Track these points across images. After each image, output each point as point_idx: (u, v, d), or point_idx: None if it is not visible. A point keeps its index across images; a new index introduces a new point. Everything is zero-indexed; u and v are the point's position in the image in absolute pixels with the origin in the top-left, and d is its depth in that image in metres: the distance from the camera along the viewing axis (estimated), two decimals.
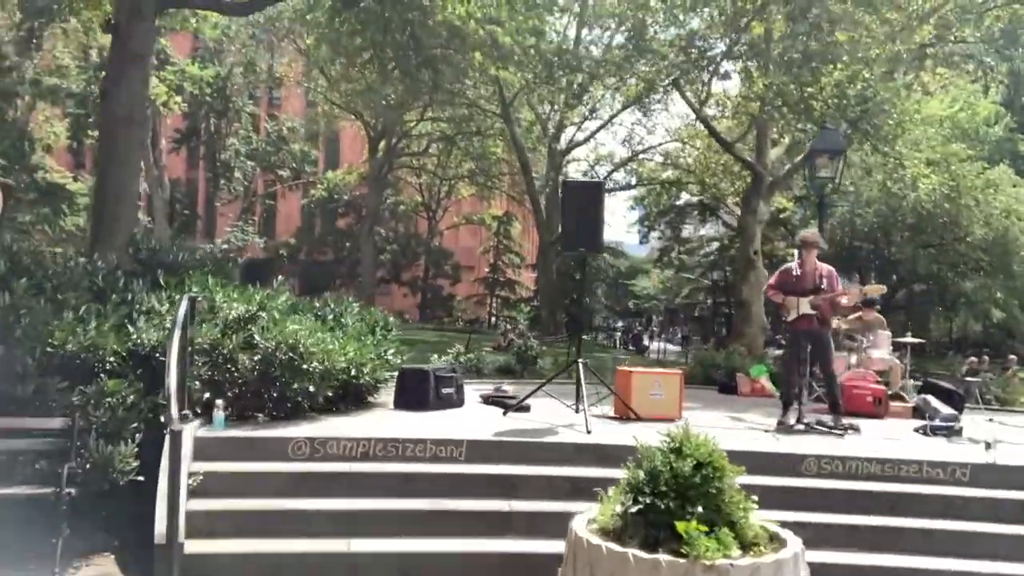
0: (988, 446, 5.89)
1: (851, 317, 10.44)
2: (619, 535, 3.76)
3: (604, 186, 6.96)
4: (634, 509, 3.72)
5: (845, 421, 7.25)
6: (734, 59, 17.33)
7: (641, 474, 3.83)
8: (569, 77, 20.38)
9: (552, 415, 7.02)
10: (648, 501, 3.70)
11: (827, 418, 7.34)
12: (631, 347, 32.91)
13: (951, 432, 7.17)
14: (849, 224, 24.25)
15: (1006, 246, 20.95)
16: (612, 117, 30.49)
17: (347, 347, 6.37)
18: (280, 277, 8.17)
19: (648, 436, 4.02)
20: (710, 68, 16.99)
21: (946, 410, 8.47)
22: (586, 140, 32.87)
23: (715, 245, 39.83)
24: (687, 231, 42.24)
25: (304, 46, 27.71)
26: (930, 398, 8.79)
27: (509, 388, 8.47)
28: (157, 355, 5.45)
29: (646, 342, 32.54)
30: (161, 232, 37.04)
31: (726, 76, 18.42)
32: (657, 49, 16.63)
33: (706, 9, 15.86)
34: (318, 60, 25.18)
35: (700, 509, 3.63)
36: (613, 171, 33.00)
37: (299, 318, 6.55)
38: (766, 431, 6.94)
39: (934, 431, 7.20)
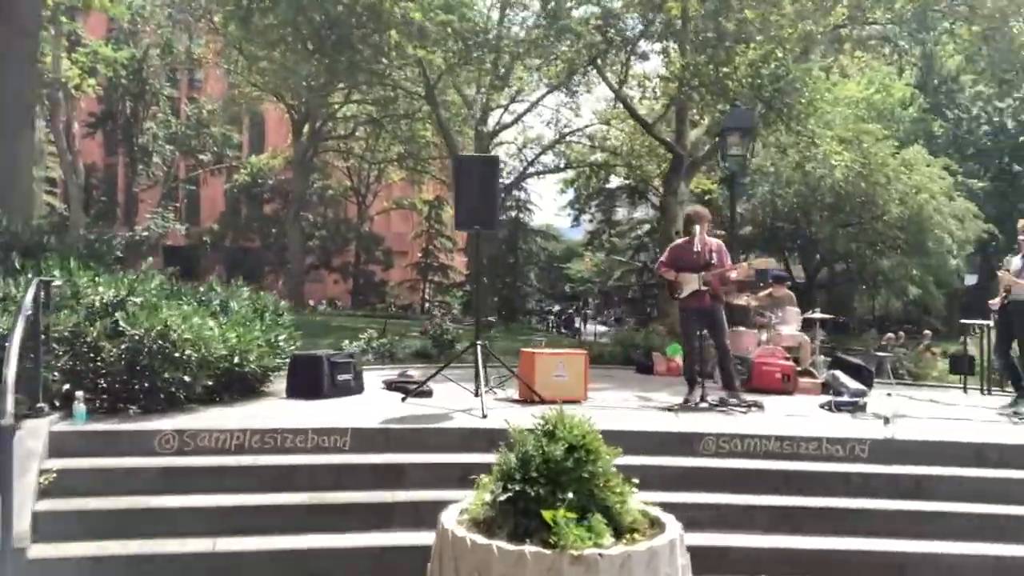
0: (886, 421, 5.84)
1: (761, 294, 10.46)
2: (489, 526, 3.52)
3: (499, 161, 6.69)
4: (503, 497, 3.48)
5: (749, 398, 7.17)
6: (652, 39, 17.25)
7: (512, 459, 3.60)
8: (489, 57, 20.04)
9: (454, 400, 6.77)
10: (518, 488, 3.46)
11: (728, 396, 7.26)
12: (563, 330, 32.94)
13: (855, 408, 7.14)
14: (770, 204, 24.56)
15: (921, 224, 21.45)
16: (538, 100, 30.32)
17: (228, 333, 5.98)
18: (175, 268, 7.70)
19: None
20: (628, 48, 16.87)
21: (854, 385, 8.50)
22: (513, 123, 32.65)
23: (645, 227, 40.11)
24: (621, 214, 42.49)
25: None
26: (839, 374, 8.82)
27: (415, 373, 8.19)
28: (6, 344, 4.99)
29: (578, 324, 32.57)
30: (77, 219, 35.51)
31: (644, 57, 18.36)
32: (574, 28, 16.41)
33: None
34: (234, 40, 24.23)
35: (571, 495, 3.41)
36: (541, 154, 32.88)
37: (176, 304, 6.13)
38: (669, 410, 6.80)
39: (839, 407, 7.17)
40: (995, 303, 8.17)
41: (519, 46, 18.98)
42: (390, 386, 7.64)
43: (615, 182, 36.92)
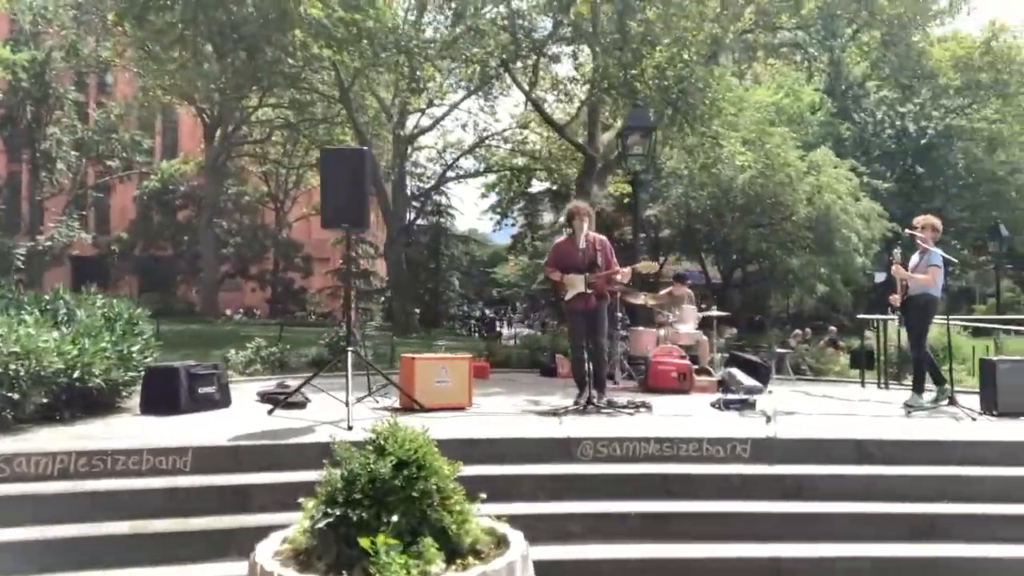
0: (768, 419, 5.66)
1: (662, 293, 10.33)
2: (308, 557, 3.13)
3: (368, 154, 6.27)
4: (323, 523, 3.11)
5: (638, 399, 6.96)
6: (561, 42, 17.10)
7: (337, 479, 3.23)
8: (399, 59, 19.59)
9: (327, 411, 6.34)
10: (339, 512, 3.09)
11: (621, 397, 7.04)
12: (485, 334, 32.60)
13: (744, 405, 6.99)
14: (684, 207, 24.70)
15: (828, 224, 21.80)
16: (456, 104, 30.03)
17: (65, 346, 5.44)
18: None
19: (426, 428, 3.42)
20: (537, 50, 16.69)
21: (749, 382, 8.40)
22: (432, 127, 32.26)
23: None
24: (547, 218, 42.36)
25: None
26: (735, 371, 8.71)
27: (293, 383, 7.71)
28: None
29: (500, 328, 32.30)
30: None
31: (555, 59, 18.21)
32: (482, 29, 16.13)
33: None
34: (139, 40, 23.12)
35: (398, 517, 3.06)
36: (459, 157, 32.58)
37: (13, 314, 5.56)
38: (555, 414, 6.52)
39: (728, 405, 7.00)
40: (895, 299, 8.17)
41: (429, 47, 18.58)
42: (264, 397, 7.16)
43: (539, 186, 36.85)
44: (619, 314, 9.53)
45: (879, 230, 22.75)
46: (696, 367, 9.04)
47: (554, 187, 33.43)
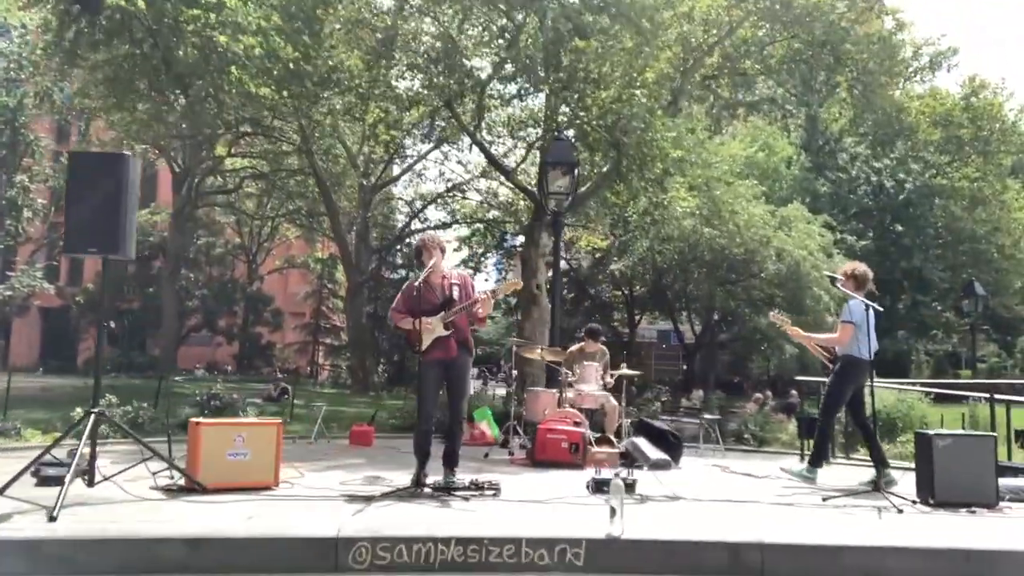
0: (613, 512, 4.31)
1: (573, 348, 9.03)
2: None
3: (130, 162, 4.98)
4: None
5: (483, 478, 5.60)
6: (506, 80, 16.10)
7: None
8: (339, 99, 18.61)
9: (83, 492, 5.01)
10: None
11: (467, 476, 5.70)
12: None
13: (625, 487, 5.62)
14: (650, 261, 23.58)
15: (798, 281, 20.67)
16: (423, 156, 29.18)
17: None
18: None
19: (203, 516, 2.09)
20: (479, 89, 15.66)
21: (656, 455, 7.10)
22: (398, 177, 31.33)
23: None
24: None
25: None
26: (639, 442, 7.42)
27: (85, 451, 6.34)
28: None
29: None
30: None
31: (501, 98, 17.21)
32: (418, 64, 15.13)
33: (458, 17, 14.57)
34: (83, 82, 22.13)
35: None
36: (423, 208, 31.59)
37: None
38: (367, 500, 5.12)
39: (599, 487, 5.61)
40: (824, 356, 6.99)
41: (374, 87, 17.55)
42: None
43: (516, 240, 35.80)
44: (504, 367, 8.26)
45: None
46: (597, 436, 7.69)
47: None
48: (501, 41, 15.06)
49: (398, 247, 34.82)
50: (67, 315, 46.06)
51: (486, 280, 41.10)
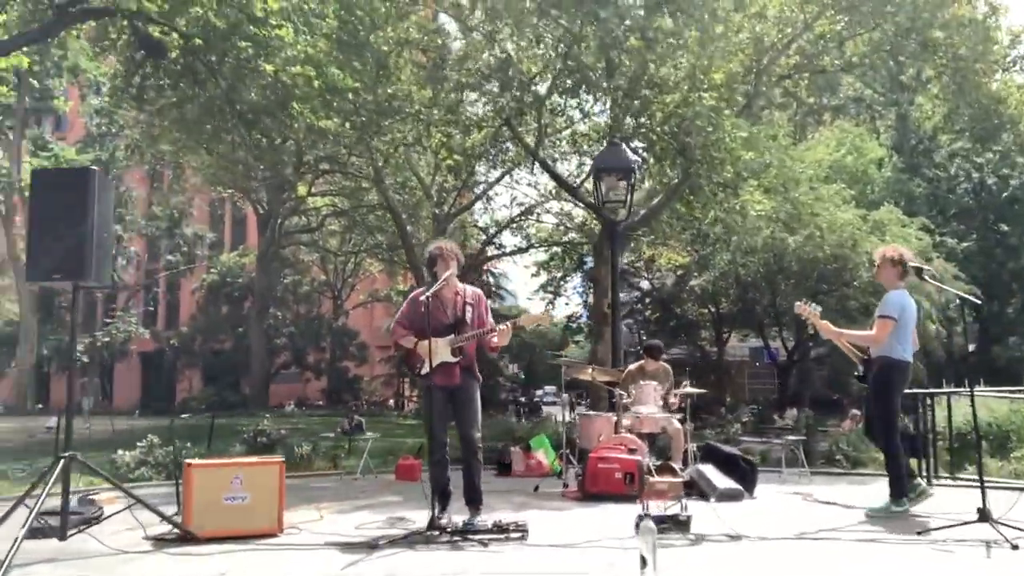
0: (643, 563, 3.55)
1: (630, 368, 8.23)
2: None
3: (95, 176, 4.51)
4: None
5: (508, 519, 4.88)
6: (566, 93, 15.49)
7: None
8: (402, 127, 18.37)
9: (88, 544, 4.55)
10: None
11: (486, 518, 4.99)
12: (526, 418, 30.38)
13: (673, 525, 4.83)
14: (733, 275, 22.40)
15: None
16: (498, 180, 28.76)
17: None
18: None
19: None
20: (539, 104, 15.10)
21: (724, 484, 6.25)
22: (470, 205, 31.00)
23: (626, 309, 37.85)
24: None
25: None
26: (706, 469, 6.58)
27: (107, 495, 5.95)
28: None
29: (546, 412, 30.04)
30: (28, 325, 34.01)
31: (559, 112, 16.62)
32: (470, 83, 14.69)
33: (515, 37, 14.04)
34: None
35: None
36: (496, 234, 31.14)
37: None
38: (372, 546, 4.49)
39: (660, 523, 4.78)
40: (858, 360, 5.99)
41: (432, 112, 17.25)
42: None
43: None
44: (565, 395, 7.54)
45: (950, 293, 19.98)
46: (658, 463, 6.86)
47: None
48: (557, 51, 14.52)
49: (473, 275, 34.48)
50: (165, 358, 47.65)
51: (566, 304, 40.43)
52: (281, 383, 45.43)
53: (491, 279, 36.55)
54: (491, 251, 33.25)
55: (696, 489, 6.56)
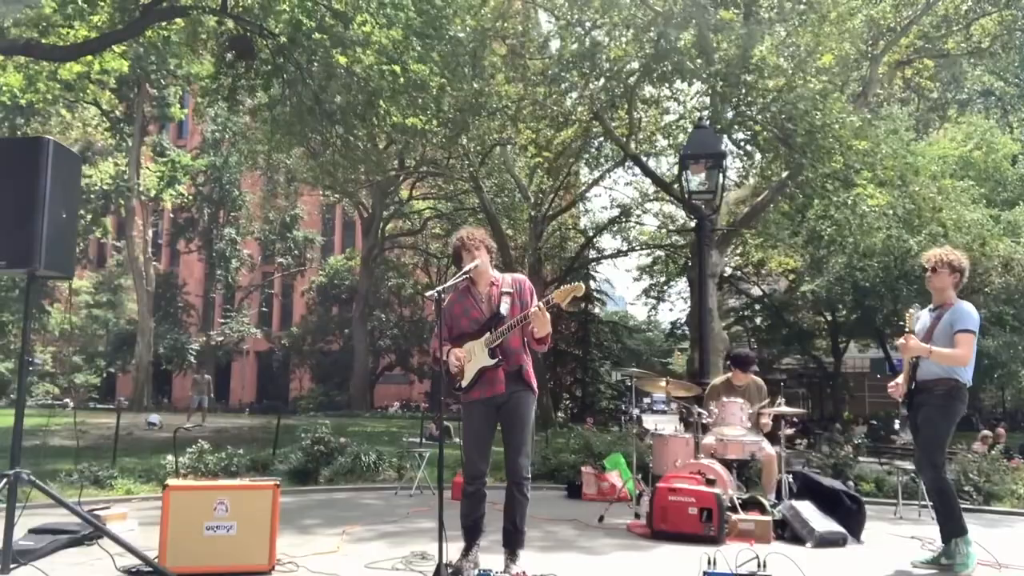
0: None
1: (717, 381, 7.16)
2: None
3: (49, 146, 3.76)
4: None
5: (546, 571, 3.98)
6: (659, 81, 14.44)
7: None
8: (488, 123, 17.74)
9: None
10: None
11: (523, 567, 4.12)
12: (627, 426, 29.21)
13: None
14: (849, 280, 20.64)
15: None
16: (597, 180, 27.80)
17: None
18: None
19: None
20: (628, 95, 14.12)
21: (824, 526, 5.17)
22: (566, 208, 30.11)
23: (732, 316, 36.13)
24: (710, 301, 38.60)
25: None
26: (802, 507, 5.49)
27: (114, 510, 5.41)
28: None
29: (646, 425, 28.79)
30: (144, 325, 35.38)
31: (655, 104, 15.55)
32: (561, 75, 13.82)
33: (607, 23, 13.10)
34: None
35: None
36: (593, 236, 30.15)
37: None
38: None
39: None
40: (897, 387, 4.97)
41: (517, 105, 16.51)
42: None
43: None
44: (635, 411, 6.55)
45: None
46: (743, 497, 5.80)
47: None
48: (648, 37, 13.49)
49: (567, 278, 33.62)
50: (277, 359, 48.96)
51: (670, 310, 38.95)
52: (387, 384, 45.87)
53: (593, 283, 35.53)
54: (591, 255, 32.33)
55: (789, 531, 5.49)
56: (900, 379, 4.95)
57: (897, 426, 4.82)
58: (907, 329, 4.69)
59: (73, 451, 10.29)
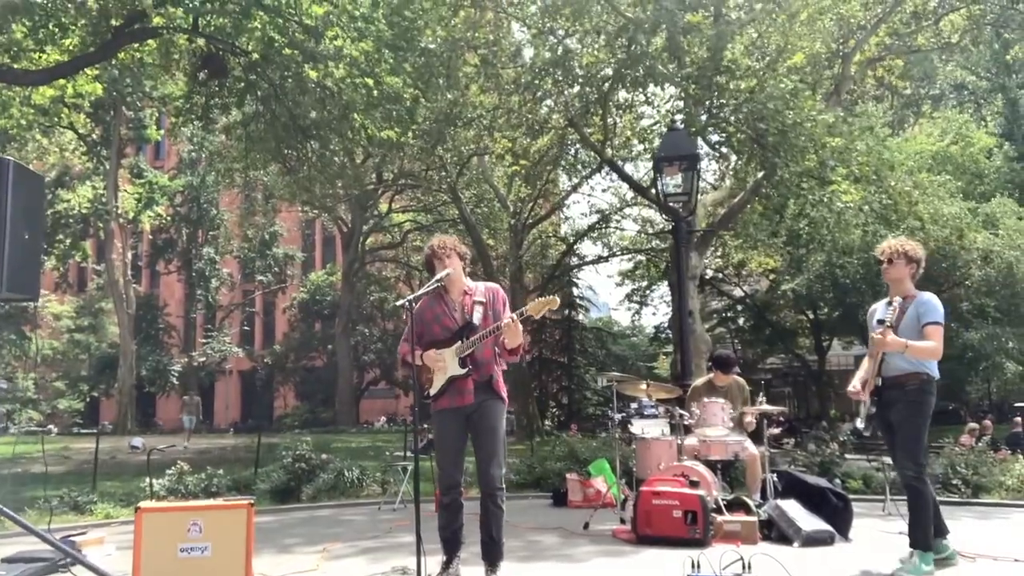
0: None
1: (698, 382, 7.13)
2: None
3: (12, 168, 3.63)
4: None
5: None
6: (628, 86, 14.44)
7: None
8: (464, 133, 17.73)
9: None
10: None
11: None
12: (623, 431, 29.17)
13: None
14: (830, 278, 20.75)
15: (1013, 287, 17.36)
16: (576, 187, 27.82)
17: None
18: None
19: None
20: (601, 100, 14.12)
21: (811, 525, 5.14)
22: (545, 216, 30.09)
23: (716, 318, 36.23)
24: (692, 304, 38.69)
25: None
26: (787, 506, 5.46)
27: (92, 536, 5.29)
28: None
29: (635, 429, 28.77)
30: (126, 347, 34.99)
31: (629, 109, 15.58)
32: (535, 83, 13.79)
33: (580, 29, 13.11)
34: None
35: None
36: (574, 243, 30.17)
37: None
38: None
39: None
40: (857, 388, 4.76)
41: (492, 115, 16.48)
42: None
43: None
44: (616, 415, 6.53)
45: None
46: (728, 498, 5.76)
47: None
48: (619, 42, 13.50)
49: (549, 286, 33.64)
50: (260, 377, 48.55)
51: (653, 314, 39.01)
52: (373, 399, 45.62)
53: (576, 290, 35.55)
54: (572, 261, 32.32)
55: (776, 531, 5.45)
56: (859, 377, 4.77)
57: (859, 424, 4.66)
58: (887, 324, 4.56)
59: (53, 478, 10.14)
